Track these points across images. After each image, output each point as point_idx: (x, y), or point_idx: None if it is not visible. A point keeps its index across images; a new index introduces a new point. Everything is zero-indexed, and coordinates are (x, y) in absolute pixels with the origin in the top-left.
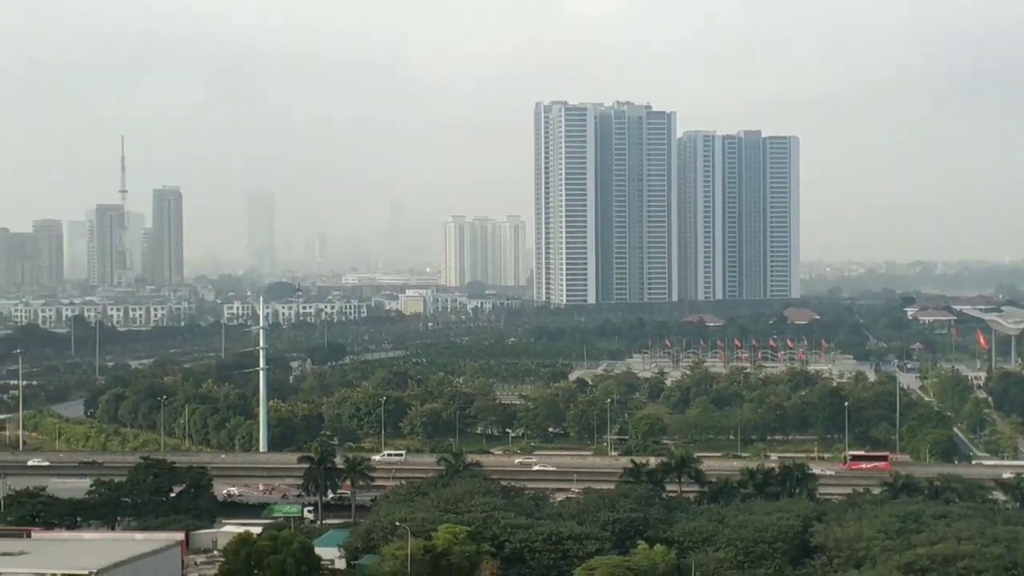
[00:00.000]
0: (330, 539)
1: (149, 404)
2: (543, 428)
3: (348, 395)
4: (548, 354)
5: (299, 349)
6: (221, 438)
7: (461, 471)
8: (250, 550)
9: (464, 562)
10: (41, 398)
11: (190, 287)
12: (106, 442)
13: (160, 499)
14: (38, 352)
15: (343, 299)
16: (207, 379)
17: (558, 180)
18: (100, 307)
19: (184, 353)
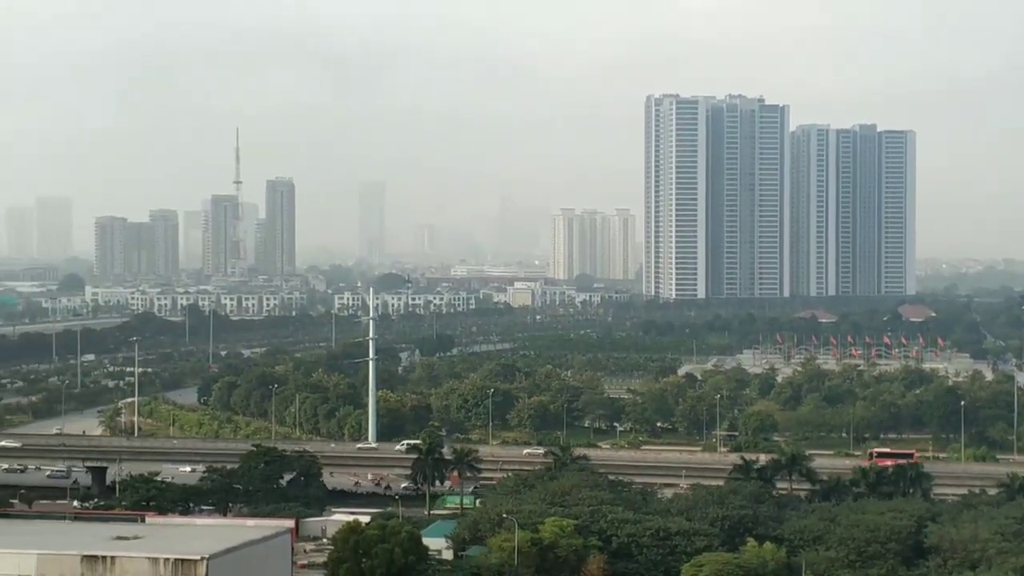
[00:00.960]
0: (437, 530)
1: (261, 393)
2: (651, 423)
3: (456, 386)
4: (657, 348)
5: (408, 340)
6: (331, 427)
7: (568, 464)
8: (358, 539)
9: (571, 555)
10: (156, 385)
11: (302, 277)
12: (219, 429)
13: (271, 486)
14: (153, 340)
15: (452, 291)
16: (317, 368)
17: (668, 173)
18: (214, 296)
19: (295, 343)
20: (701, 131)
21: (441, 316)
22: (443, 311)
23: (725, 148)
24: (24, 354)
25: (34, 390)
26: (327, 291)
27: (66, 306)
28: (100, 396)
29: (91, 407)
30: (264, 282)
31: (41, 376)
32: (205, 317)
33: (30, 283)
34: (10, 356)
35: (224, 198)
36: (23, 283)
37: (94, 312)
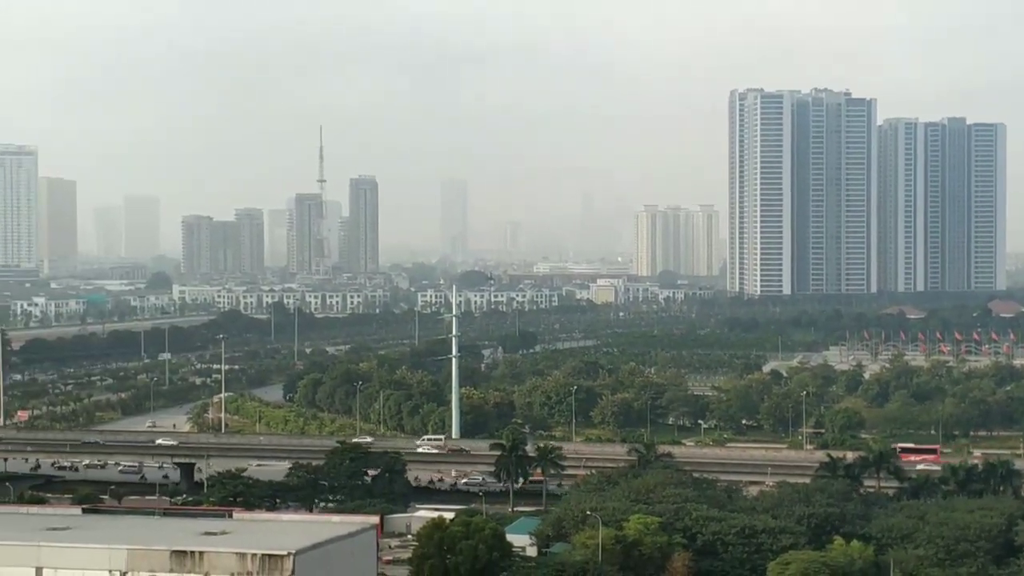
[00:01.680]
0: (521, 526)
1: (345, 390)
2: (736, 420)
3: (539, 383)
4: (741, 345)
5: (491, 337)
6: (415, 424)
7: (652, 462)
8: (443, 535)
9: (655, 553)
10: (242, 382)
11: (385, 275)
12: (304, 426)
13: (356, 483)
14: (240, 337)
15: (534, 288)
16: (401, 366)
17: (753, 169)
18: (299, 294)
19: (379, 340)
20: (786, 125)
21: (524, 313)
22: (526, 308)
23: (811, 142)
24: (113, 352)
25: (123, 387)
26: (410, 289)
27: (154, 304)
28: (188, 393)
29: (179, 404)
30: (348, 280)
31: (130, 373)
32: (290, 315)
33: (119, 282)
34: (100, 354)
35: (308, 197)
36: (112, 282)
37: (181, 310)
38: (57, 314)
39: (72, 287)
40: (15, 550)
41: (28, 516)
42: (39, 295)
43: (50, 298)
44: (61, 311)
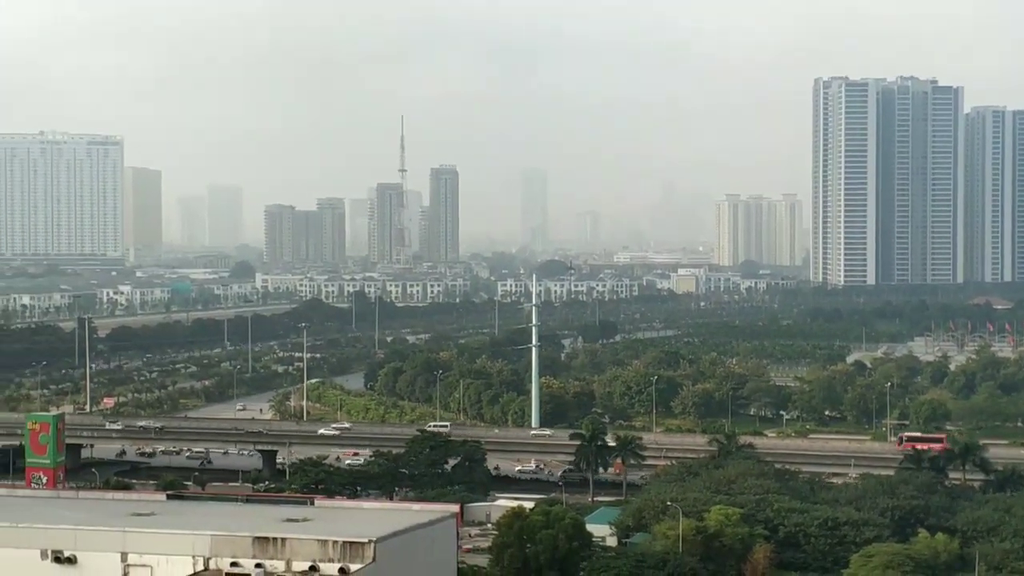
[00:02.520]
0: (601, 516)
1: (425, 378)
2: (819, 411)
3: (619, 373)
4: (824, 336)
5: (571, 327)
6: (494, 413)
7: (734, 453)
8: (523, 524)
9: (737, 544)
10: (324, 370)
11: (465, 264)
12: (384, 414)
13: (436, 471)
14: (321, 326)
15: (615, 277)
16: (481, 355)
17: (837, 158)
18: (380, 283)
19: (459, 329)
20: (871, 114)
21: (604, 303)
22: (606, 298)
23: (896, 131)
24: (197, 340)
25: (207, 375)
26: (490, 278)
27: (237, 293)
28: (270, 381)
29: (261, 392)
30: (428, 269)
31: (213, 361)
32: (371, 304)
33: (203, 270)
34: (184, 341)
35: (389, 186)
36: (196, 270)
37: (264, 299)
38: (142, 302)
39: (157, 276)
40: (101, 535)
41: (113, 502)
42: (125, 283)
43: (136, 286)
44: (146, 299)
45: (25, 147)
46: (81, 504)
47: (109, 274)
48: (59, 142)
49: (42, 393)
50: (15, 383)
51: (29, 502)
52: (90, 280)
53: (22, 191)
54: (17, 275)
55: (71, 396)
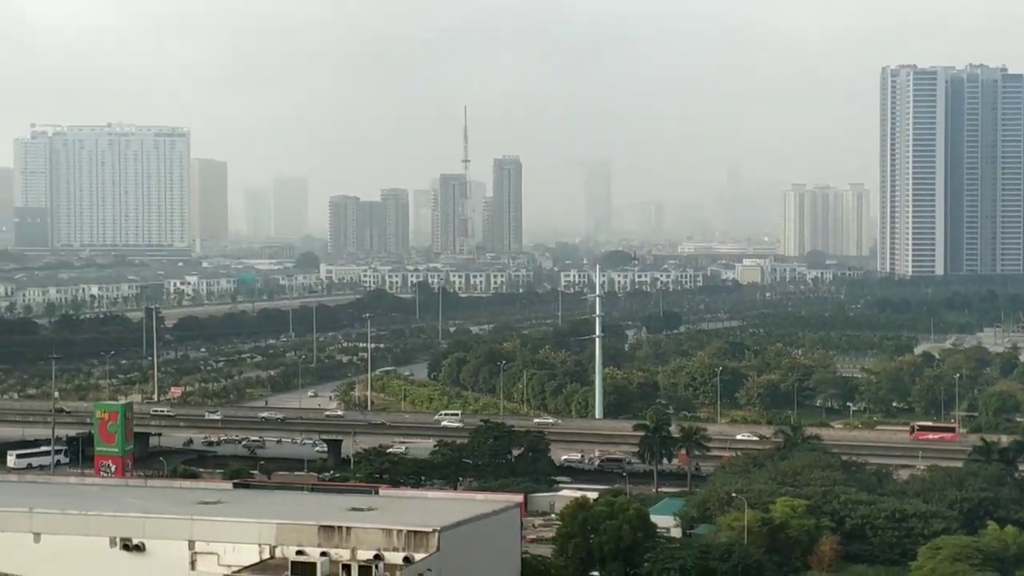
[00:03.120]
0: (665, 507)
1: (489, 369)
2: (886, 402)
3: (683, 364)
4: (892, 326)
5: (634, 317)
6: (558, 403)
7: (799, 444)
8: (587, 515)
9: (802, 536)
10: (388, 360)
11: (528, 255)
12: (448, 404)
13: (499, 461)
14: (385, 316)
15: (679, 268)
16: (544, 345)
17: (905, 146)
18: (443, 273)
19: (522, 319)
20: (940, 102)
21: (668, 293)
22: (670, 288)
23: (965, 120)
24: (263, 330)
25: (272, 364)
26: (553, 268)
27: (302, 283)
28: (334, 371)
29: (326, 382)
30: (491, 259)
31: (279, 351)
32: (435, 294)
33: (268, 261)
34: (250, 331)
35: (452, 177)
36: (261, 261)
37: (328, 289)
38: (209, 292)
39: (223, 266)
40: (168, 523)
41: (181, 490)
42: (191, 274)
43: (202, 277)
44: (212, 290)
45: (93, 139)
46: (149, 492)
47: (176, 265)
48: (127, 134)
49: (111, 382)
50: (84, 372)
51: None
52: (157, 271)
53: (91, 183)
54: (86, 266)
55: (139, 385)
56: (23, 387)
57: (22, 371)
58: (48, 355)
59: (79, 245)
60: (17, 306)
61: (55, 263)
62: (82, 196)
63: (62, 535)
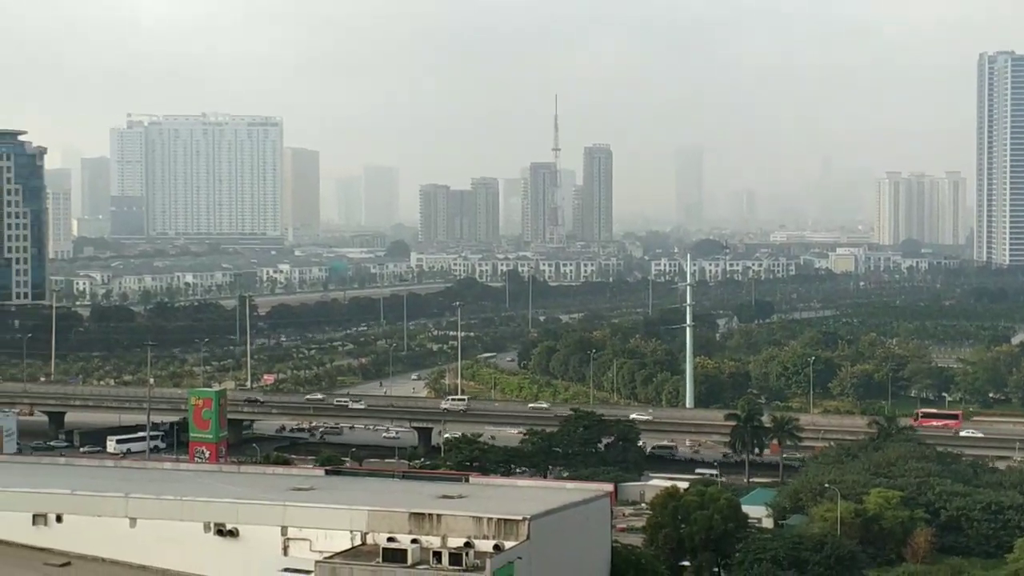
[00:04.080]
0: (757, 497)
1: (579, 357)
2: (982, 393)
3: (775, 354)
4: (989, 316)
5: (725, 306)
6: (648, 393)
7: (893, 435)
8: (677, 504)
9: (896, 527)
10: (478, 348)
11: (618, 243)
12: (538, 393)
13: (589, 450)
14: (475, 305)
15: (771, 256)
16: (635, 334)
17: (1002, 133)
18: (533, 262)
19: (612, 308)
20: None
21: (760, 282)
22: (762, 277)
23: None
24: (354, 318)
25: (363, 352)
26: (644, 257)
27: (392, 272)
28: (424, 359)
29: (416, 369)
30: (581, 248)
31: (369, 339)
32: (524, 283)
33: (359, 250)
34: (341, 319)
35: (543, 165)
36: (353, 249)
37: (419, 277)
38: (301, 280)
39: (315, 255)
40: (262, 509)
41: (274, 476)
42: (284, 262)
43: (294, 265)
44: (305, 278)
45: (188, 128)
46: (242, 478)
47: (268, 253)
48: (221, 123)
49: (204, 369)
50: (179, 359)
51: (193, 476)
52: (250, 259)
53: (185, 172)
54: (181, 254)
55: (232, 372)
56: (119, 373)
57: (119, 357)
58: (144, 342)
59: (174, 233)
60: (114, 294)
61: (151, 251)
62: (177, 185)
63: (157, 520)
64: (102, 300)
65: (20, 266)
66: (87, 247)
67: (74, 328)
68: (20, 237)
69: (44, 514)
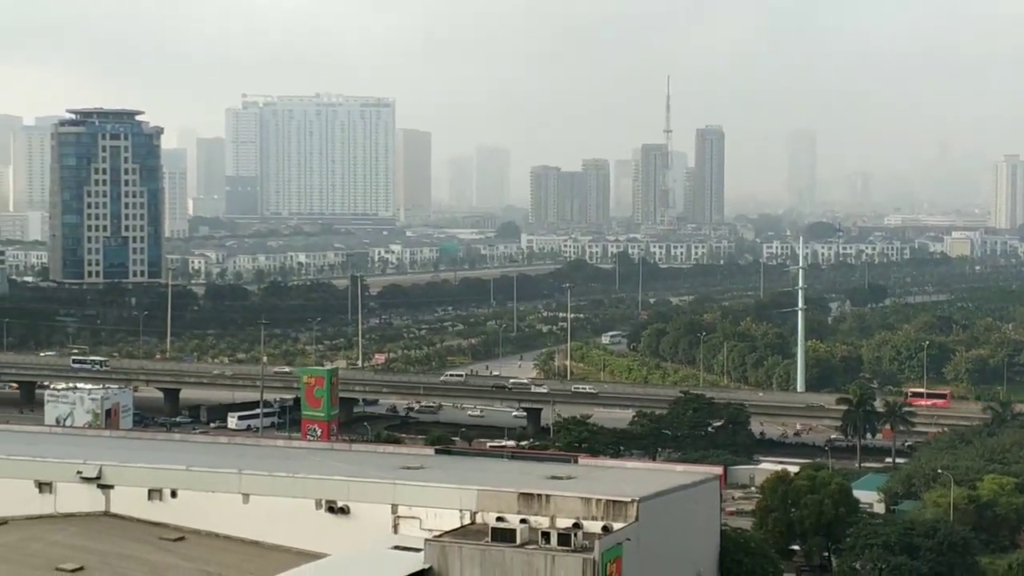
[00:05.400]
0: (868, 482)
1: (689, 340)
2: None
3: (888, 338)
4: None
5: (838, 290)
6: (758, 376)
7: (1008, 421)
8: (787, 488)
9: (1011, 514)
10: (587, 330)
11: (730, 226)
12: (647, 375)
13: (699, 433)
14: (585, 286)
15: (885, 240)
16: (745, 317)
17: None
18: (643, 244)
19: (723, 291)
20: None
21: (873, 266)
22: (875, 261)
23: None
24: (464, 298)
25: (473, 333)
26: (755, 240)
27: (503, 253)
28: (534, 340)
29: (525, 351)
30: (692, 230)
31: (479, 320)
32: (634, 265)
33: (470, 230)
34: (451, 300)
35: (654, 147)
36: (463, 230)
37: (529, 259)
38: (412, 261)
39: (426, 235)
40: (372, 487)
41: (384, 455)
42: (395, 243)
43: (405, 246)
44: (416, 258)
45: (302, 109)
46: (354, 456)
47: (380, 233)
48: (334, 104)
49: (317, 348)
50: (291, 338)
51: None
52: (362, 239)
53: (299, 152)
54: (294, 234)
55: (344, 352)
56: (233, 352)
57: (232, 336)
58: (257, 321)
59: (287, 213)
60: (228, 273)
61: (264, 231)
62: (290, 165)
63: (270, 496)
64: (216, 279)
65: (137, 244)
66: (202, 226)
67: (189, 306)
68: (137, 216)
69: (159, 489)
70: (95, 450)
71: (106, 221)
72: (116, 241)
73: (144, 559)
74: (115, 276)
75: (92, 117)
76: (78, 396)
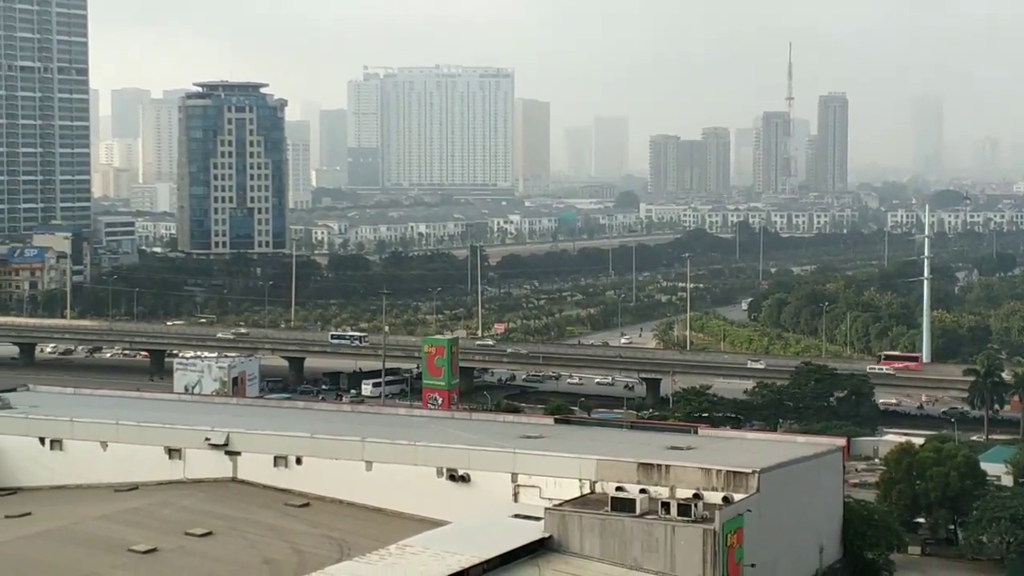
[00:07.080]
0: (996, 455)
1: (811, 310)
2: None
3: (1018, 308)
4: None
5: (965, 259)
6: (883, 347)
7: None
8: (912, 460)
9: None
10: (707, 300)
11: (853, 194)
12: (768, 346)
13: (821, 404)
14: (705, 256)
15: (1014, 208)
16: (869, 287)
17: None
18: (764, 213)
19: (846, 260)
20: None
21: (1002, 234)
22: (1004, 229)
23: None
24: (582, 268)
25: (592, 303)
26: (880, 208)
27: (621, 223)
28: (653, 310)
29: (644, 321)
30: (815, 199)
31: (598, 290)
32: (755, 234)
33: (588, 200)
34: (570, 270)
35: (776, 115)
36: (582, 200)
37: (647, 228)
38: (530, 231)
39: (545, 205)
40: (493, 456)
41: (504, 424)
42: (514, 213)
43: (524, 216)
44: (534, 228)
45: (422, 80)
46: (474, 425)
47: (499, 203)
48: (453, 75)
49: (437, 318)
50: (412, 308)
51: (426, 422)
52: (482, 209)
53: (419, 123)
54: (415, 204)
55: (464, 321)
56: (355, 321)
57: (355, 305)
58: (379, 291)
59: (407, 184)
60: (350, 243)
61: (385, 202)
62: (411, 136)
63: (392, 464)
64: (339, 249)
65: (262, 216)
66: (325, 197)
67: (312, 276)
68: (262, 187)
69: (285, 456)
70: (223, 417)
71: (232, 192)
72: (241, 212)
73: (270, 524)
74: (241, 247)
75: (218, 90)
76: (206, 364)
